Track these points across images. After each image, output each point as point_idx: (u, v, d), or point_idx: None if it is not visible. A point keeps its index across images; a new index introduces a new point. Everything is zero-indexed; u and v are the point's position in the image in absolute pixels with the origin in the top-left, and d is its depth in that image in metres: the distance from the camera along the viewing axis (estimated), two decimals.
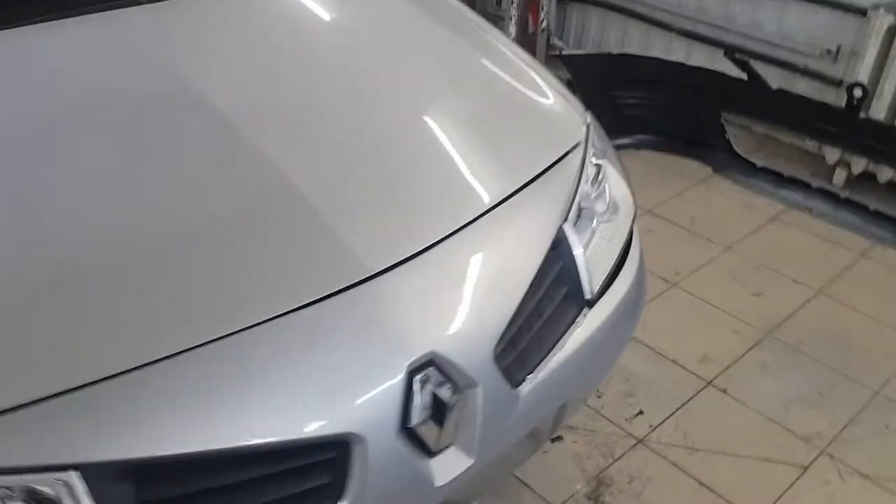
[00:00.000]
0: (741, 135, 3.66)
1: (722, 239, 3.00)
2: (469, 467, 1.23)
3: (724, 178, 3.39)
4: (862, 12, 3.15)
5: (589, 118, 1.80)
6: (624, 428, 2.22)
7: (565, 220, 1.52)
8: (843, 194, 3.21)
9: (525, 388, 1.35)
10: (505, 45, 1.91)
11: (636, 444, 2.17)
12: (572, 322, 1.49)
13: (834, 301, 2.72)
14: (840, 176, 3.33)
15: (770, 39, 3.52)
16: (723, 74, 3.27)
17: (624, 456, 2.14)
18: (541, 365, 1.39)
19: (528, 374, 1.37)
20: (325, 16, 1.79)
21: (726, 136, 3.45)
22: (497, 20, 3.96)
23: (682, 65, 3.32)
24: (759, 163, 3.40)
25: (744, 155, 3.44)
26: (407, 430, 1.17)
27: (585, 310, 1.52)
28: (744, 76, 3.23)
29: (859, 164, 3.23)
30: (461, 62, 1.77)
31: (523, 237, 1.44)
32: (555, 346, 1.43)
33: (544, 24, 3.96)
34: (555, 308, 1.46)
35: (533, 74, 1.82)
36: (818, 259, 2.92)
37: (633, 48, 3.99)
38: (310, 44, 1.67)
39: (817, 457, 2.16)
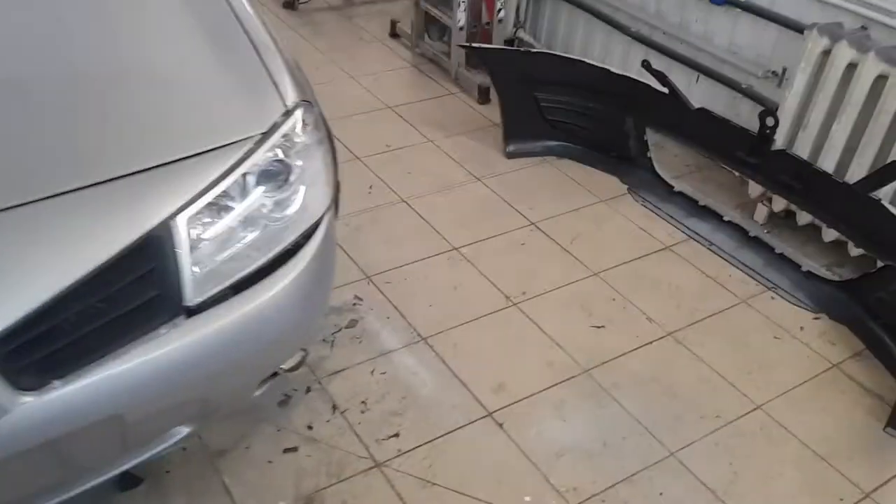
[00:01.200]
0: (682, 154, 3.38)
1: (595, 263, 2.77)
2: None
3: (635, 199, 3.13)
4: (801, 31, 2.82)
5: (293, 109, 1.66)
6: (369, 448, 2.08)
7: (175, 216, 1.42)
8: (753, 232, 2.90)
9: (42, 394, 1.27)
10: (241, 21, 1.79)
11: (372, 467, 2.04)
12: (152, 330, 1.39)
13: (681, 346, 2.46)
14: (761, 212, 3.01)
15: (719, 54, 3.22)
16: (647, 86, 3.00)
17: (351, 478, 2.01)
18: (79, 372, 1.31)
19: (56, 379, 1.29)
20: None
21: (648, 154, 3.18)
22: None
23: (608, 71, 3.06)
24: (677, 187, 3.12)
25: (667, 177, 3.17)
26: None
27: (181, 318, 1.42)
28: (661, 88, 2.96)
29: (780, 202, 2.91)
30: (154, 24, 1.68)
31: (91, 228, 1.35)
32: (113, 352, 1.34)
33: (501, 14, 3.77)
34: (129, 311, 1.37)
35: (244, 56, 1.71)
36: (691, 299, 2.65)
37: (596, 51, 3.75)
38: None
39: None
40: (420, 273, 2.68)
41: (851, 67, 2.60)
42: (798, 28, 2.86)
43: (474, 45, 3.34)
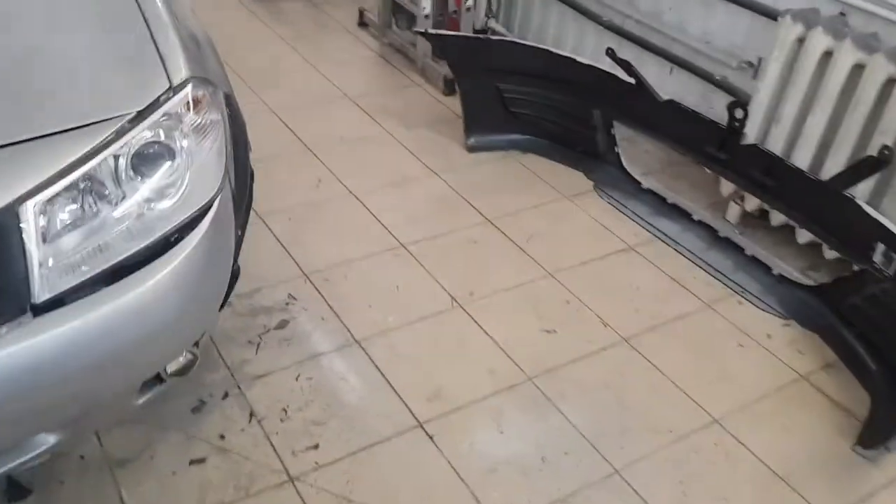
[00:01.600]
0: (653, 150, 3.20)
1: (551, 263, 2.59)
2: None
3: (601, 196, 2.94)
4: (776, 18, 2.64)
5: (181, 86, 1.49)
6: (284, 461, 1.91)
7: (23, 202, 1.26)
8: (723, 233, 2.72)
9: None
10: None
11: (285, 482, 1.86)
12: None
13: (636, 354, 2.28)
14: (734, 212, 2.83)
15: (692, 44, 3.04)
16: (613, 76, 2.82)
17: (260, 493, 1.83)
18: None
19: None
20: None
21: (616, 149, 3.00)
22: None
23: (573, 60, 2.89)
24: (645, 183, 2.94)
25: (636, 173, 2.99)
26: None
27: (27, 317, 1.25)
28: (628, 79, 2.77)
29: (753, 201, 2.73)
30: None
31: None
32: None
33: (469, 2, 3.60)
34: None
35: (129, 30, 1.54)
36: (651, 303, 2.47)
37: (569, 42, 3.57)
38: None
39: None
40: (362, 271, 2.51)
41: (827, 56, 2.42)
42: (773, 15, 2.68)
43: (431, 31, 3.16)
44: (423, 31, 3.13)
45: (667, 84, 3.07)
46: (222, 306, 1.88)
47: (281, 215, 2.68)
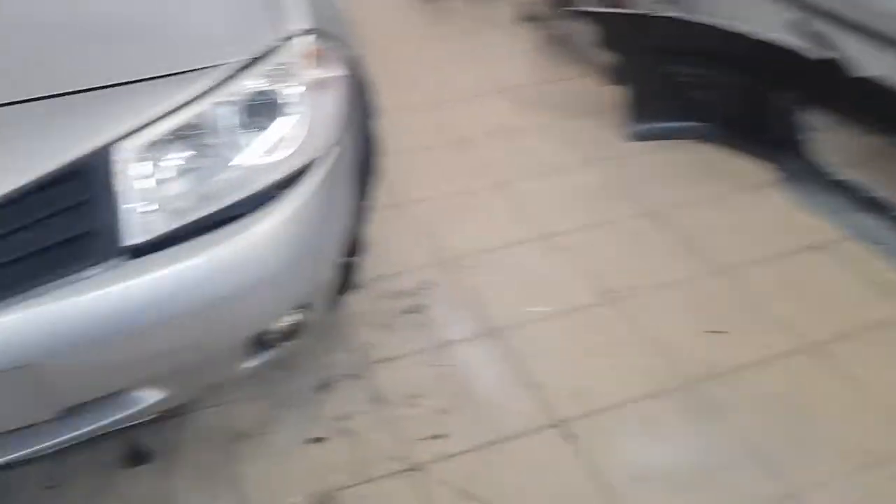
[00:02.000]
0: (851, 137, 2.78)
1: (724, 259, 2.27)
2: None
3: (789, 189, 2.57)
4: None
5: (295, 37, 1.40)
6: (407, 449, 1.75)
7: (117, 144, 1.20)
8: None
9: None
10: None
11: (405, 470, 1.70)
12: (78, 270, 1.16)
13: (824, 362, 1.93)
14: None
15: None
16: (802, 53, 2.48)
17: (378, 480, 1.68)
18: None
19: None
20: None
21: (806, 136, 2.62)
22: None
23: (754, 36, 2.56)
24: (841, 175, 2.55)
25: (830, 163, 2.60)
26: None
27: (119, 260, 1.19)
28: (822, 56, 2.42)
29: None
30: None
31: (10, 150, 1.15)
32: (26, 292, 1.13)
33: None
34: (50, 248, 1.16)
35: None
36: (845, 307, 2.09)
37: (749, 16, 3.19)
38: None
39: None
40: (507, 260, 2.32)
41: None
42: None
43: (587, 9, 2.92)
44: (578, 9, 2.91)
45: (866, 61, 2.66)
46: (349, 287, 1.80)
47: (426, 202, 2.56)
